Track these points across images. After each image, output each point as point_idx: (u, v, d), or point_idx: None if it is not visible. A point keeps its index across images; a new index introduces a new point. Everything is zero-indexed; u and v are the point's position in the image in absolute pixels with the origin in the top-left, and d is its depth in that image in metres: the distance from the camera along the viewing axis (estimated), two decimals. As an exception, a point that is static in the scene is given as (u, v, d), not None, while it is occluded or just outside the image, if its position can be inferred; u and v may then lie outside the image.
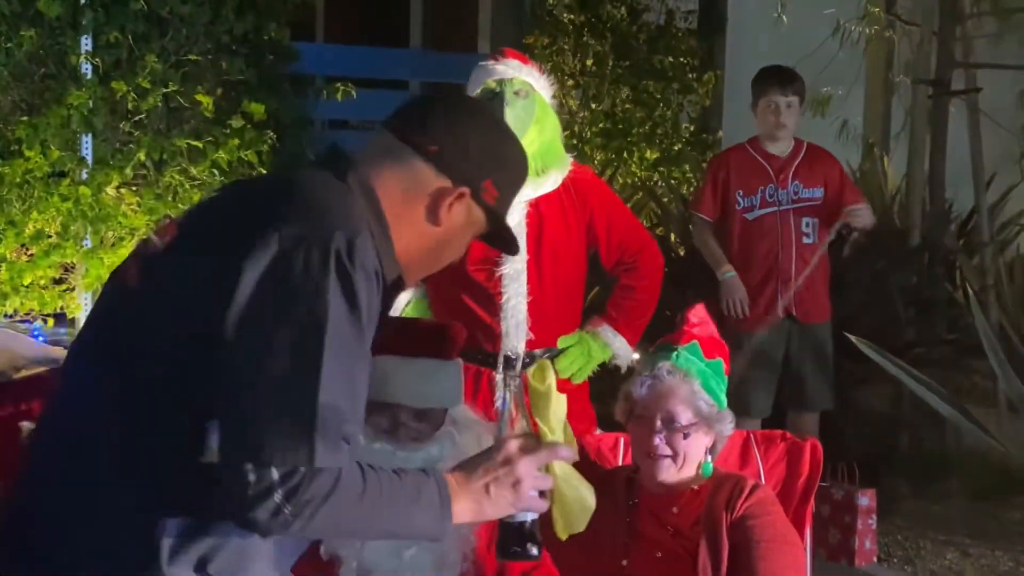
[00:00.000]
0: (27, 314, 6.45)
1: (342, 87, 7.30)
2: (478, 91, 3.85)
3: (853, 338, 5.47)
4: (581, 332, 3.98)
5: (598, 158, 8.72)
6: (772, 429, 3.47)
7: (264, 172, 6.72)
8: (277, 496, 1.70)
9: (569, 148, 4.14)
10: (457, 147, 1.99)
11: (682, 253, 7.12)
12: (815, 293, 5.64)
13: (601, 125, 8.97)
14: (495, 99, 3.76)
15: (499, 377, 3.83)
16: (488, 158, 2.02)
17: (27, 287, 6.38)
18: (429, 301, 4.02)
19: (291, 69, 7.59)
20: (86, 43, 6.45)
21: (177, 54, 6.66)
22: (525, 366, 3.83)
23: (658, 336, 3.22)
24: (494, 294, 3.85)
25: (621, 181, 8.58)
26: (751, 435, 3.38)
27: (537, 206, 3.85)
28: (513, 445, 2.00)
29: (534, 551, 2.11)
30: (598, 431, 3.81)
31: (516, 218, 3.75)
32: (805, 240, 5.60)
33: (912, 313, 6.38)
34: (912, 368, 5.62)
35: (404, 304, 3.94)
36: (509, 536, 2.10)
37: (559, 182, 3.89)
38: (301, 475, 1.72)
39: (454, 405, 2.70)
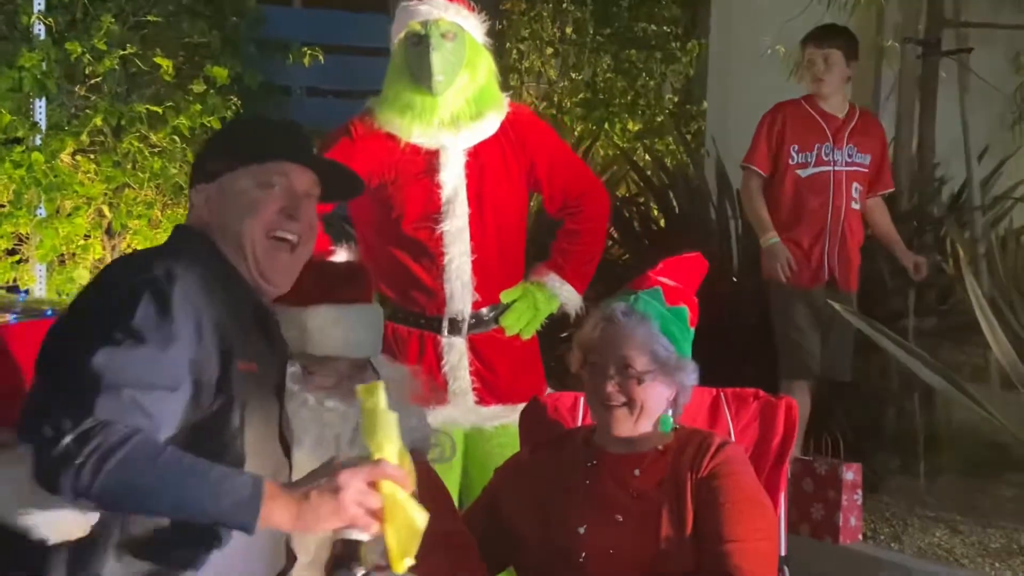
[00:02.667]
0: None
1: (309, 52, 7.04)
2: (401, 35, 3.64)
3: (838, 306, 5.23)
4: (525, 284, 3.77)
5: (578, 129, 8.55)
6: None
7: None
8: (68, 441, 1.87)
9: (547, 118, 3.93)
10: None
11: (663, 225, 6.89)
12: (851, 261, 5.49)
13: (581, 95, 8.83)
14: (421, 43, 3.56)
15: (445, 341, 3.65)
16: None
17: (-21, 258, 6.13)
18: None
19: (264, 33, 7.32)
20: (38, 2, 6.19)
21: (136, 15, 6.40)
22: (471, 327, 3.66)
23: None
24: (435, 254, 3.63)
25: (602, 153, 8.39)
26: (721, 393, 3.15)
27: (476, 155, 3.65)
28: (340, 458, 2.08)
29: (358, 574, 2.19)
30: (549, 391, 3.58)
31: (455, 170, 3.60)
32: (853, 205, 5.45)
33: (899, 283, 6.12)
34: (901, 339, 5.37)
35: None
36: (341, 553, 2.22)
37: (497, 126, 3.69)
38: (90, 425, 1.89)
39: (377, 354, 2.69)
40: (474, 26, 3.68)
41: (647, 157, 8.16)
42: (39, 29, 6.17)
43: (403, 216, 3.62)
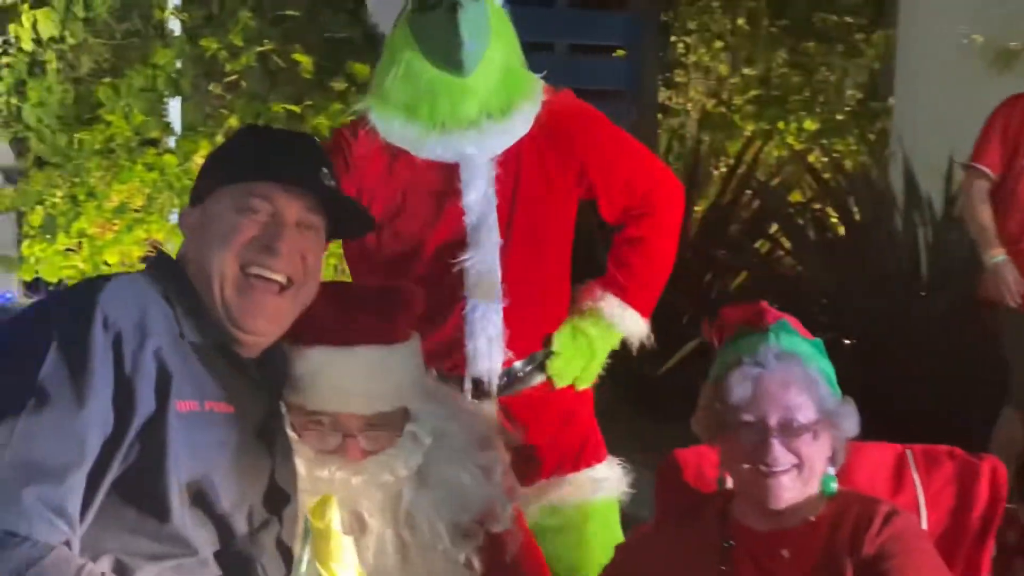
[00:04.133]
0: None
1: (456, 44, 6.69)
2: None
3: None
4: (573, 321, 2.90)
5: (749, 128, 8.31)
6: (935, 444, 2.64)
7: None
8: None
9: (716, 116, 3.30)
10: None
11: (841, 232, 6.34)
12: None
13: (753, 92, 8.57)
14: (439, 7, 2.69)
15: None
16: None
17: (110, 266, 5.97)
18: None
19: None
20: None
21: (274, 9, 6.28)
22: (502, 389, 2.81)
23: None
24: (453, 300, 2.78)
25: (775, 153, 8.05)
26: (907, 451, 2.58)
27: (507, 165, 2.79)
28: None
29: None
30: (610, 459, 2.95)
31: (481, 188, 2.77)
32: None
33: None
34: None
35: None
36: None
37: (531, 121, 2.81)
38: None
39: (415, 401, 2.16)
40: None
41: (824, 159, 7.74)
42: (174, 25, 6.12)
43: (412, 252, 2.80)
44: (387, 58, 2.82)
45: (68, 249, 5.98)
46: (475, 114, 2.74)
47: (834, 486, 2.31)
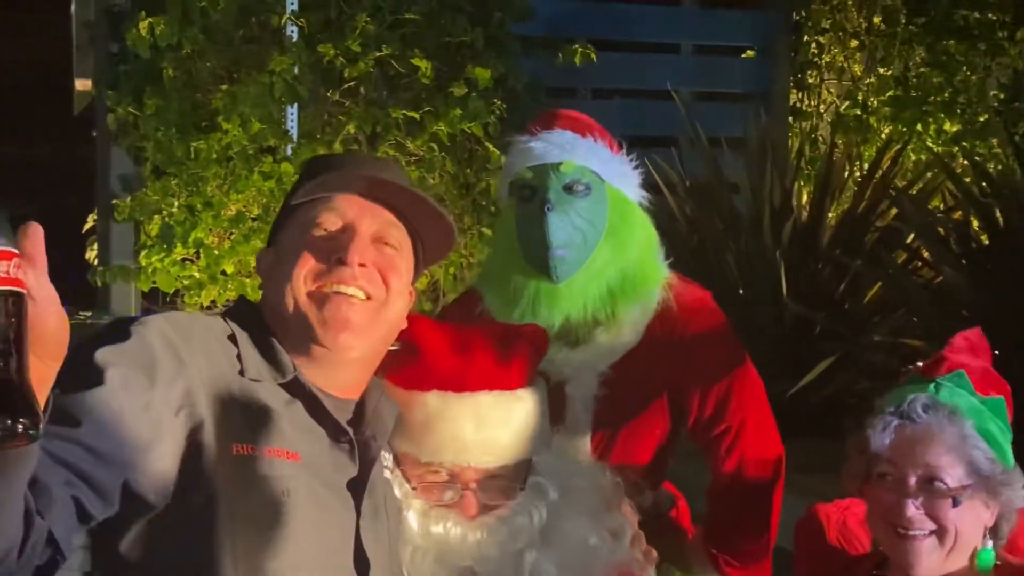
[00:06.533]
0: (225, 305, 5.93)
1: (580, 49, 6.50)
2: (509, 183, 2.45)
3: None
4: None
5: (886, 131, 8.01)
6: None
7: (490, 147, 6.04)
8: None
9: (851, 119, 3.03)
10: None
11: (985, 242, 6.00)
12: None
13: (890, 93, 8.20)
14: (533, 199, 2.36)
15: None
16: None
17: (226, 276, 5.89)
18: None
19: (530, 29, 6.92)
20: (291, 2, 6.01)
21: (393, 13, 6.11)
22: None
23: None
24: None
25: (913, 158, 7.74)
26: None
27: (610, 383, 2.40)
28: None
29: None
30: None
31: (578, 411, 2.36)
32: None
33: None
34: None
35: None
36: None
37: (644, 327, 2.42)
38: None
39: (538, 453, 1.95)
40: (620, 173, 2.45)
41: (966, 163, 7.33)
42: (291, 30, 6.01)
43: None
44: (495, 238, 2.58)
45: (185, 259, 5.93)
46: (574, 322, 2.36)
47: (992, 558, 2.06)
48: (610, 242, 2.37)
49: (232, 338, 1.76)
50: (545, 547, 1.91)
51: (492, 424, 1.89)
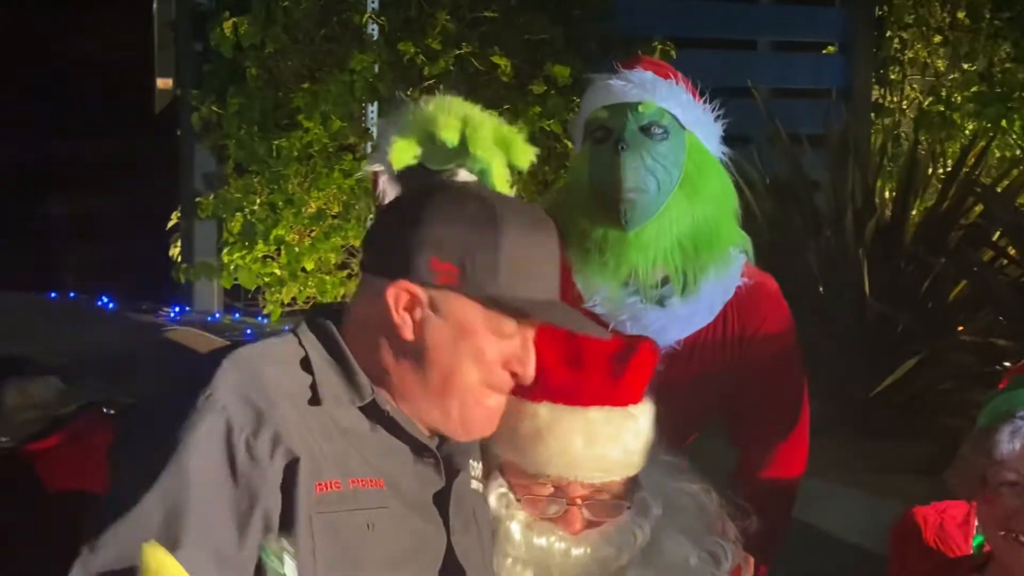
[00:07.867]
0: (305, 303, 5.97)
1: (659, 46, 6.46)
2: (584, 122, 2.33)
3: None
4: None
5: (969, 127, 7.82)
6: None
7: (569, 144, 6.02)
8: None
9: (934, 115, 2.96)
10: (378, 239, 1.70)
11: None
12: None
13: (974, 88, 8.00)
14: (607, 139, 2.23)
15: None
16: (416, 232, 1.63)
17: (307, 273, 5.93)
18: None
19: (609, 27, 6.83)
20: (372, 0, 6.03)
21: (472, 11, 6.14)
22: None
23: None
24: None
25: (998, 154, 7.62)
26: None
27: (680, 357, 2.30)
28: None
29: None
30: None
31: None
32: None
33: None
34: None
35: None
36: None
37: (722, 301, 2.33)
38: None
39: (645, 470, 1.90)
40: (702, 121, 2.32)
41: None
42: (372, 29, 6.01)
43: None
44: (567, 182, 2.46)
45: (266, 256, 5.96)
46: (643, 275, 2.23)
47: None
48: (684, 191, 2.24)
49: (305, 362, 1.67)
50: (646, 567, 1.88)
51: (602, 441, 1.84)
